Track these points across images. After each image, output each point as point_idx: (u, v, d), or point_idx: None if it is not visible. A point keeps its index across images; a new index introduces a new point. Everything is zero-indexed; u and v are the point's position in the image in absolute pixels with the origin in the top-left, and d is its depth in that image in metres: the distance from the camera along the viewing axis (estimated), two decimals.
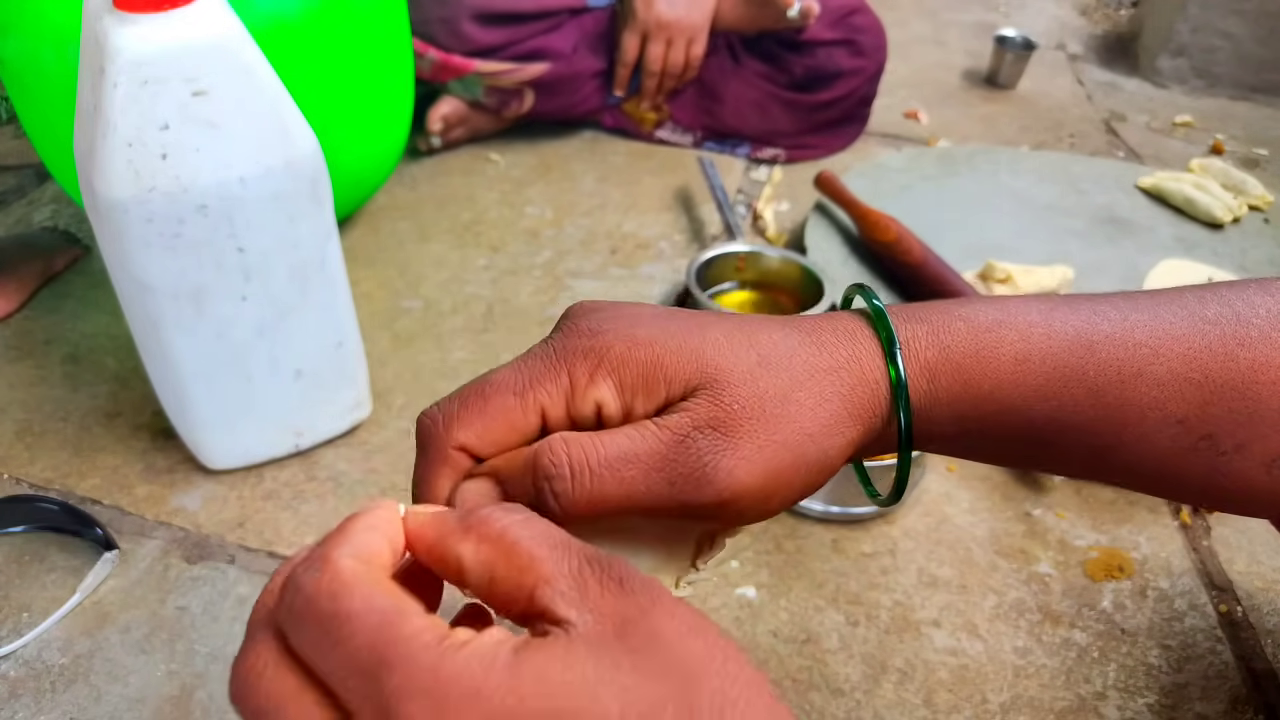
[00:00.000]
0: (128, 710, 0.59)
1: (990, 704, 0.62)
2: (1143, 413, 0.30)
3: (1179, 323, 0.31)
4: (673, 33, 1.14)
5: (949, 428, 0.31)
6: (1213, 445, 0.30)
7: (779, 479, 0.28)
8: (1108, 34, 1.79)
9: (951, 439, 0.32)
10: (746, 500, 0.27)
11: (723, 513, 0.27)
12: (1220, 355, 0.30)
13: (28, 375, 0.84)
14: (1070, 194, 1.17)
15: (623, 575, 0.23)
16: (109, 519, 0.71)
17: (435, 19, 1.13)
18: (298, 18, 0.78)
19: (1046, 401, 0.30)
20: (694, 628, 0.22)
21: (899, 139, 1.35)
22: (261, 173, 0.59)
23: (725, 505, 0.27)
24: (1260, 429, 0.30)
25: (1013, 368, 0.30)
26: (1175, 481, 0.31)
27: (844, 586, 0.69)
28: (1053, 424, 0.31)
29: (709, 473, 0.27)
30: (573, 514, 0.26)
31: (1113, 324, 0.31)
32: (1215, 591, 0.71)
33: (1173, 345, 0.31)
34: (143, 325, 0.66)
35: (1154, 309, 0.31)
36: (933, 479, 0.79)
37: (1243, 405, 0.30)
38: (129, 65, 0.53)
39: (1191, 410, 0.30)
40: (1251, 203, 1.14)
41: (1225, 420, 0.30)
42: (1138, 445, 0.31)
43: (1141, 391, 0.30)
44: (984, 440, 0.32)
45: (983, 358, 0.30)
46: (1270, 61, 1.53)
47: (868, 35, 1.22)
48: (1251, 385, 0.30)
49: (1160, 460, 0.31)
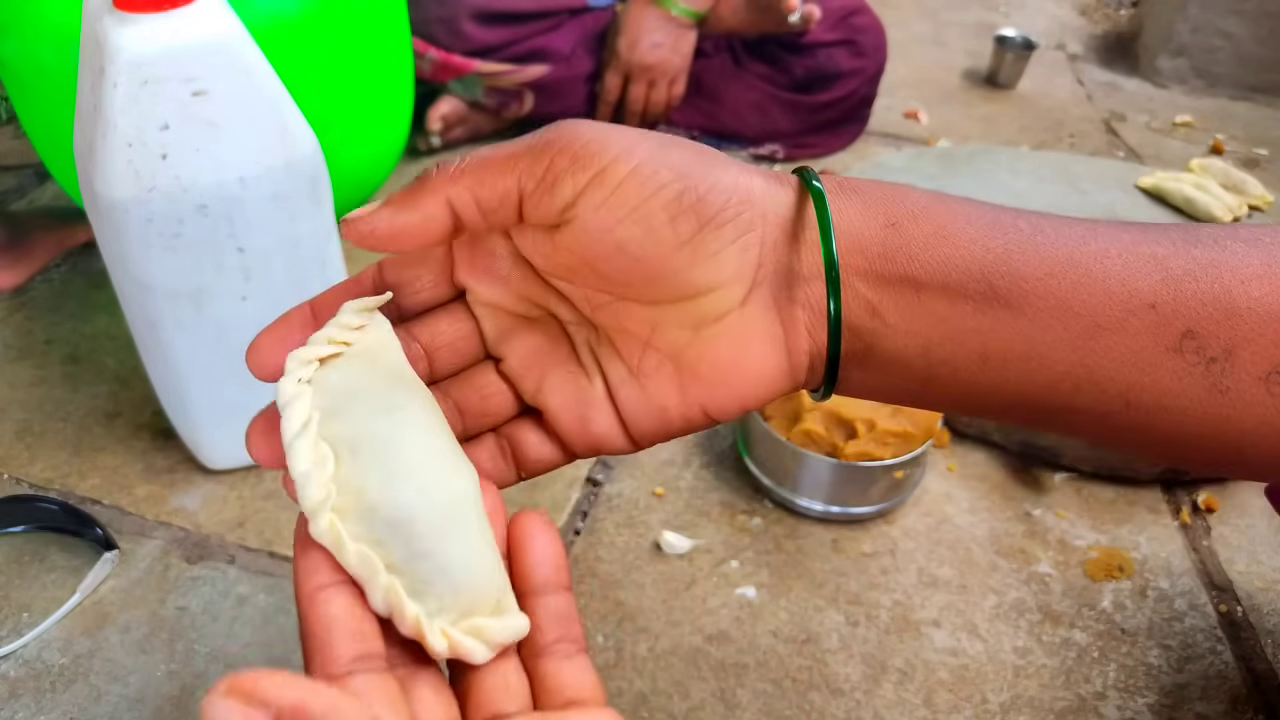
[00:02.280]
0: (128, 710, 0.59)
1: (990, 704, 0.62)
2: (1108, 288, 0.28)
3: (1120, 227, 0.30)
4: (655, 74, 1.17)
5: (880, 265, 0.28)
6: (1198, 348, 0.28)
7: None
8: (1108, 34, 1.79)
9: (895, 305, 0.29)
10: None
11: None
12: (1172, 246, 0.29)
13: (28, 375, 0.84)
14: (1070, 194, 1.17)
15: None
16: (109, 519, 0.71)
17: (435, 19, 1.13)
18: (298, 18, 0.78)
19: (1004, 250, 0.28)
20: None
21: (899, 139, 1.35)
22: (261, 173, 0.59)
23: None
24: (1242, 330, 0.28)
25: (963, 214, 0.29)
26: (1179, 414, 0.28)
27: (844, 586, 0.69)
28: (1016, 288, 0.28)
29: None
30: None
31: (1050, 218, 0.30)
32: (1215, 591, 0.71)
33: (1119, 233, 0.29)
34: (143, 325, 0.66)
35: (1090, 224, 0.30)
36: (933, 479, 0.79)
37: (1213, 295, 0.28)
38: (129, 65, 0.53)
39: (1159, 290, 0.28)
40: (1251, 203, 1.14)
41: (1200, 312, 0.28)
42: (1118, 336, 0.28)
43: (1097, 259, 0.28)
44: (935, 318, 0.28)
45: (928, 209, 0.29)
46: (1270, 61, 1.53)
47: (868, 35, 1.22)
48: (1216, 278, 0.28)
49: (1153, 372, 0.28)
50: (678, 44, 1.16)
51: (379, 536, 0.25)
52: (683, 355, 0.29)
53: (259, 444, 0.27)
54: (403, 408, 0.26)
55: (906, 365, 0.29)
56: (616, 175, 0.26)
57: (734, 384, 0.29)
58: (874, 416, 0.72)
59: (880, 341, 0.29)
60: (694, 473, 0.78)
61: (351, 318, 0.28)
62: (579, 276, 0.29)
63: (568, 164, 0.27)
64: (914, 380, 0.30)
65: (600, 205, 0.27)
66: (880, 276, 0.28)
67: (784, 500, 0.75)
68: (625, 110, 1.21)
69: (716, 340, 0.29)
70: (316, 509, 0.25)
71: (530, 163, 0.27)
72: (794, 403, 0.73)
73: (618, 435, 0.30)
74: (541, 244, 0.29)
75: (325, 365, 0.27)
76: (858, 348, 0.29)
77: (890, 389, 0.30)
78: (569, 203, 0.27)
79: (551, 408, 0.30)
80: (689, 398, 0.29)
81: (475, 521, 0.27)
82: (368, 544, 0.25)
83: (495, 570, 0.27)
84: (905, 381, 0.30)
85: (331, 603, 0.25)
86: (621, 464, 0.79)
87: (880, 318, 0.28)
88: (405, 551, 0.25)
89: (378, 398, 0.26)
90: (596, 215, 0.27)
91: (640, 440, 0.30)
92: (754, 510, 0.75)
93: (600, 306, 0.29)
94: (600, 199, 0.26)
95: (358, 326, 0.28)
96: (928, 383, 0.30)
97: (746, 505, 0.76)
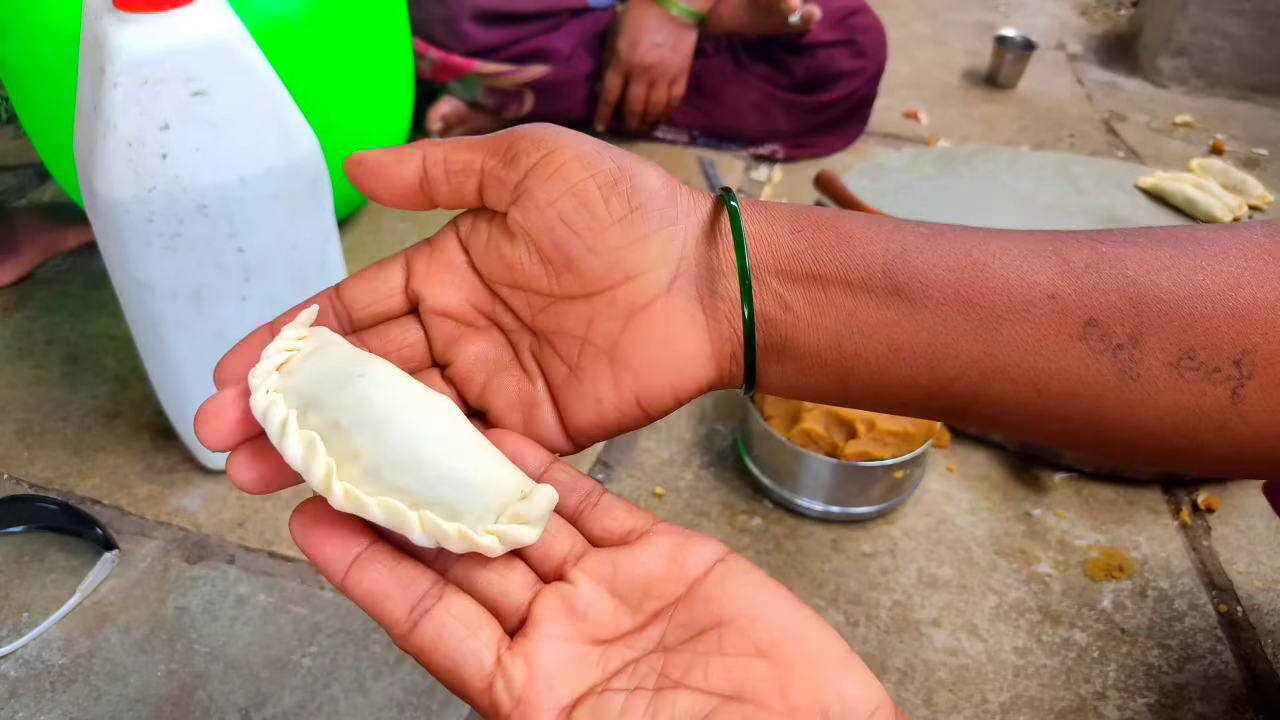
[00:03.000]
0: (128, 710, 0.59)
1: (990, 704, 0.62)
2: (1006, 281, 0.29)
3: (1029, 231, 0.31)
4: (655, 75, 1.17)
5: (790, 263, 0.30)
6: (1102, 335, 0.29)
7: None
8: (1108, 34, 1.79)
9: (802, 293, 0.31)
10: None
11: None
12: (1076, 243, 0.30)
13: (28, 375, 0.84)
14: (1070, 194, 1.17)
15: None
16: (109, 519, 0.71)
17: (435, 19, 1.13)
18: (298, 18, 0.78)
19: (901, 250, 0.30)
20: None
21: (899, 139, 1.35)
22: (261, 173, 0.59)
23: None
24: (1149, 317, 0.28)
25: (864, 222, 0.31)
26: (1093, 400, 0.29)
27: (844, 586, 0.69)
28: (916, 283, 0.29)
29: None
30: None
31: (955, 226, 0.32)
32: (1215, 591, 0.71)
33: (1025, 235, 0.31)
34: (143, 325, 0.66)
35: (996, 229, 0.32)
36: (933, 479, 0.79)
37: (1116, 285, 0.29)
38: (129, 65, 0.53)
39: (1058, 281, 0.29)
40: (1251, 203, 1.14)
41: (1102, 301, 0.29)
42: (1020, 326, 0.29)
43: (996, 256, 0.30)
44: (842, 311, 0.30)
45: (830, 219, 0.31)
46: (1270, 61, 1.53)
47: (868, 35, 1.22)
48: (1121, 270, 0.29)
49: (1059, 360, 0.29)
50: (678, 44, 1.16)
51: (393, 483, 0.27)
52: (616, 345, 0.31)
53: (245, 475, 0.29)
54: (362, 373, 0.28)
55: (820, 358, 0.31)
56: (563, 156, 0.30)
57: (664, 367, 0.31)
58: (874, 416, 0.72)
59: (793, 334, 0.31)
60: (694, 473, 0.78)
61: (291, 331, 0.30)
62: (523, 277, 0.31)
63: (527, 145, 0.30)
64: (830, 373, 0.31)
65: (547, 179, 0.30)
66: (788, 274, 0.30)
67: (784, 500, 0.75)
68: (625, 110, 1.21)
69: (646, 326, 0.30)
70: (326, 485, 0.26)
71: (497, 143, 0.31)
72: (794, 403, 0.73)
73: (557, 433, 0.32)
74: (494, 242, 0.31)
75: (283, 373, 0.29)
76: (773, 340, 0.31)
77: (809, 383, 0.32)
78: (522, 177, 0.30)
79: (495, 408, 0.32)
80: (622, 387, 0.31)
81: (470, 434, 0.28)
82: (387, 493, 0.27)
83: (507, 466, 0.28)
84: (822, 375, 0.31)
85: (363, 578, 0.27)
86: (621, 464, 0.79)
87: (791, 311, 0.30)
88: (421, 483, 0.27)
89: (339, 375, 0.28)
90: (544, 187, 0.30)
91: (577, 438, 0.32)
92: (754, 510, 0.75)
93: (540, 310, 0.31)
94: (548, 173, 0.30)
95: (300, 338, 0.30)
96: (843, 375, 0.31)
97: (746, 505, 0.76)
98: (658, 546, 0.29)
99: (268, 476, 0.28)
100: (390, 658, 0.63)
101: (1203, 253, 0.29)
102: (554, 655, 0.27)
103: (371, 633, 0.64)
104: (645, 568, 0.28)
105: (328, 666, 0.62)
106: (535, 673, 0.26)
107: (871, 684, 0.26)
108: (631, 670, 0.27)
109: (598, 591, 0.28)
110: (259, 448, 0.28)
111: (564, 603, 0.27)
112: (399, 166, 0.31)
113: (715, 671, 0.26)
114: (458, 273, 0.32)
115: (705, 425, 0.83)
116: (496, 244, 0.31)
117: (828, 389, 0.32)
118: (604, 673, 0.27)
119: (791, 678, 0.26)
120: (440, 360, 0.32)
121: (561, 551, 0.29)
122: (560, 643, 0.27)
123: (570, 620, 0.27)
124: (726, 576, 0.28)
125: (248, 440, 0.29)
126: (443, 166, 0.31)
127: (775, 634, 0.27)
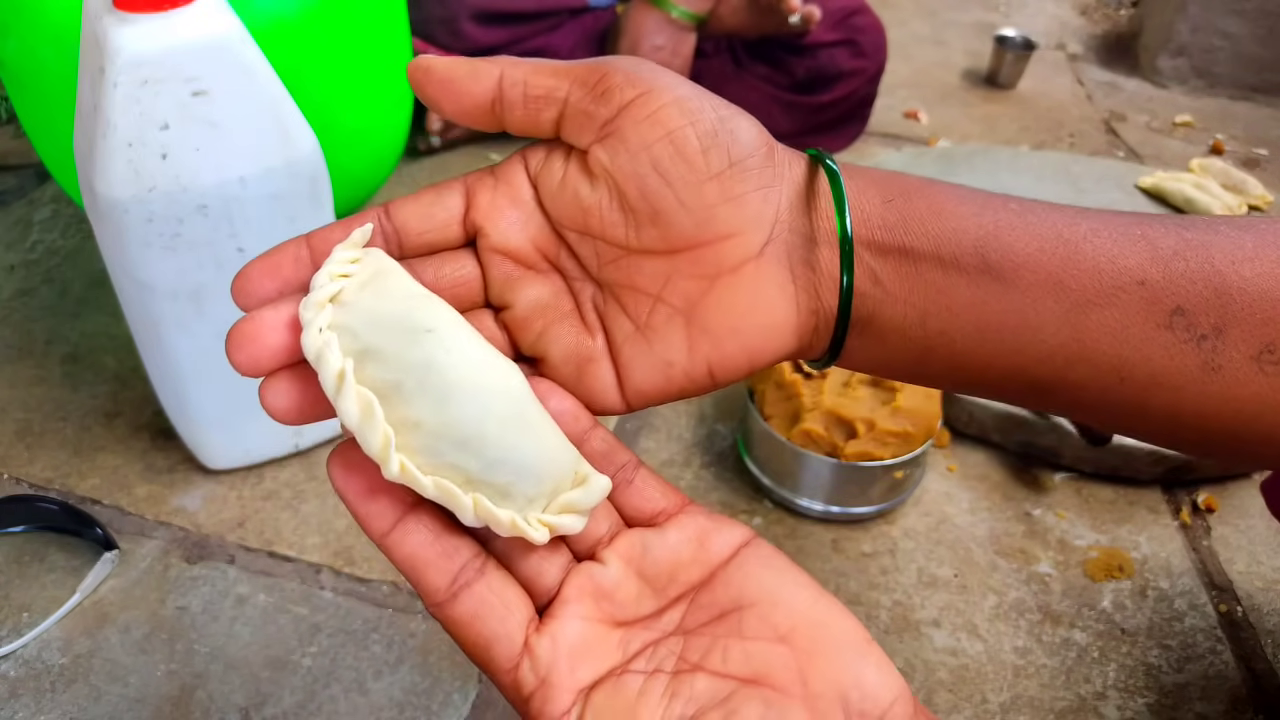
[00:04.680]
0: (128, 710, 0.59)
1: (990, 704, 0.62)
2: (1098, 265, 0.29)
3: (1112, 212, 0.30)
4: None
5: (884, 235, 0.29)
6: (1188, 324, 0.28)
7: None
8: (1108, 34, 1.79)
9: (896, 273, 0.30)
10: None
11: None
12: (1163, 228, 0.29)
13: (28, 375, 0.84)
14: (1070, 194, 1.16)
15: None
16: (109, 519, 0.71)
17: (435, 19, 1.13)
18: (298, 18, 0.78)
19: (994, 227, 0.29)
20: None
21: (899, 139, 1.35)
22: (261, 173, 0.59)
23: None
24: (1233, 309, 0.28)
25: (956, 195, 0.30)
26: (1173, 390, 0.29)
27: (844, 586, 0.69)
28: (1008, 262, 0.29)
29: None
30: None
31: (1039, 202, 0.31)
32: (1215, 591, 0.71)
33: (1110, 216, 0.30)
34: (143, 325, 0.66)
35: (1081, 209, 0.31)
36: (933, 479, 0.79)
37: (1202, 274, 0.28)
38: (129, 65, 0.53)
39: (1148, 268, 0.28)
40: (1251, 203, 1.14)
41: (1189, 290, 0.28)
42: (1108, 311, 0.29)
43: (1087, 238, 0.29)
44: (933, 289, 0.29)
45: (921, 189, 0.30)
46: (1270, 61, 1.53)
47: (868, 36, 1.22)
48: (1206, 258, 0.29)
49: (1144, 348, 0.29)
50: (678, 47, 1.16)
51: (450, 460, 0.26)
52: (695, 307, 0.29)
53: (281, 403, 0.27)
54: (430, 329, 0.26)
55: (905, 335, 0.30)
56: (661, 98, 0.28)
57: (745, 335, 0.29)
58: (874, 417, 0.72)
59: (880, 309, 0.29)
60: (694, 473, 0.78)
61: (344, 253, 0.28)
62: (597, 224, 0.29)
63: (621, 80, 0.28)
64: (912, 350, 0.30)
65: (642, 120, 0.28)
66: (880, 246, 0.29)
67: (784, 500, 0.75)
68: None
69: (732, 291, 0.29)
70: (383, 455, 0.25)
71: (586, 72, 0.28)
72: (794, 403, 0.73)
73: (613, 392, 0.30)
74: (569, 182, 0.29)
75: (337, 305, 0.27)
76: (861, 314, 0.30)
77: (890, 359, 0.31)
78: (613, 115, 0.28)
79: (552, 357, 0.30)
80: (696, 353, 0.29)
81: (534, 410, 0.27)
82: (442, 469, 0.26)
83: (565, 447, 0.27)
84: (904, 352, 0.30)
85: (405, 541, 0.26)
86: None
87: (881, 285, 0.29)
88: (479, 463, 0.26)
89: (401, 326, 0.26)
90: (637, 130, 0.28)
91: (633, 400, 0.30)
92: (754, 510, 0.75)
93: (611, 261, 0.29)
94: (643, 115, 0.28)
95: (353, 260, 0.28)
96: (926, 353, 0.30)
97: (746, 505, 0.76)
98: (686, 530, 0.28)
99: (305, 409, 0.27)
100: (390, 658, 0.63)
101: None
102: (578, 636, 0.26)
103: (371, 633, 0.64)
104: (673, 551, 0.28)
105: (328, 666, 0.62)
106: (558, 654, 0.26)
107: (891, 673, 0.26)
108: (651, 652, 0.27)
109: (626, 573, 0.28)
110: (300, 376, 0.26)
111: (592, 583, 0.27)
112: (472, 81, 0.29)
113: (734, 655, 0.26)
114: (524, 210, 0.30)
115: (705, 425, 0.83)
116: (573, 184, 0.29)
117: (907, 366, 0.31)
118: (625, 655, 0.27)
119: (811, 664, 0.26)
120: (496, 302, 0.30)
121: (599, 534, 0.28)
122: (585, 623, 0.27)
123: (596, 601, 0.27)
124: (749, 561, 0.28)
125: (287, 367, 0.27)
126: (521, 88, 0.29)
127: (795, 619, 0.26)
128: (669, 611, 0.28)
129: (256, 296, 0.28)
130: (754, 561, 0.28)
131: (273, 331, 0.26)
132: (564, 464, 0.27)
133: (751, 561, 0.28)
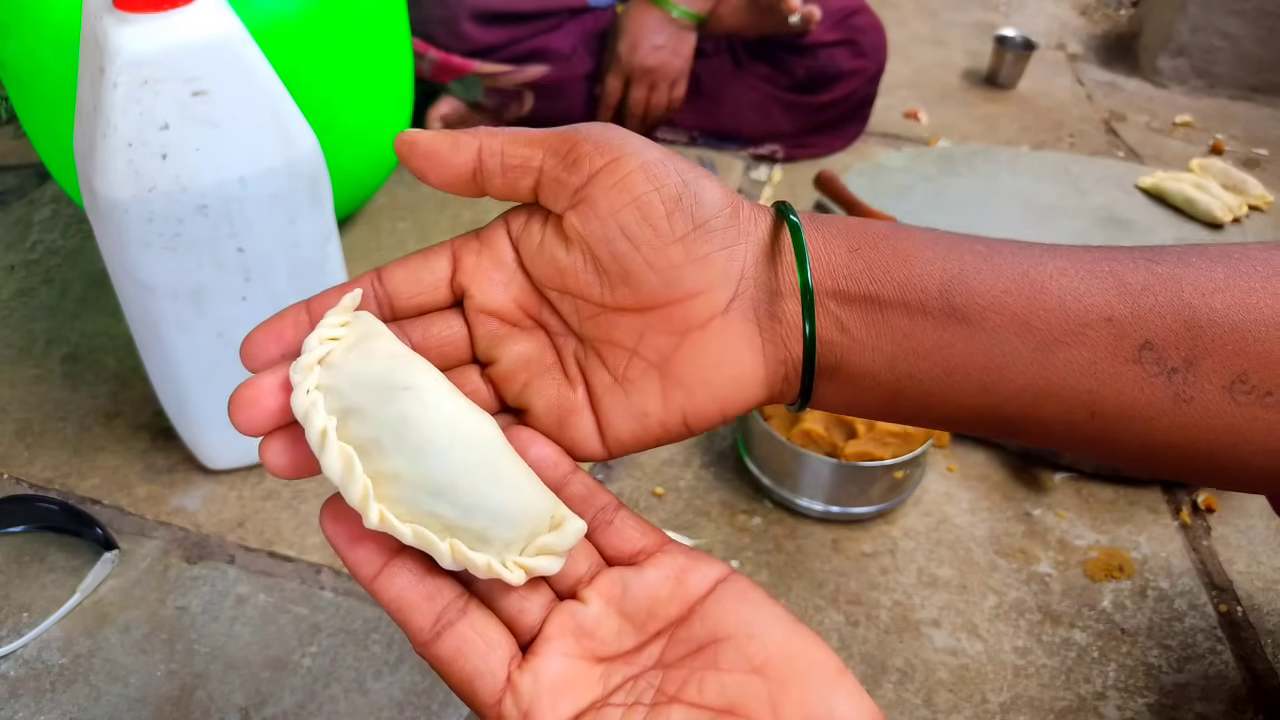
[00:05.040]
0: (128, 710, 0.59)
1: (990, 704, 0.62)
2: (1064, 303, 0.29)
3: (1082, 249, 0.31)
4: (655, 78, 1.17)
5: (850, 284, 0.30)
6: (1157, 359, 0.29)
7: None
8: (1108, 34, 1.79)
9: (864, 320, 0.30)
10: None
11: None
12: (1132, 263, 0.30)
13: (28, 375, 0.84)
14: (1070, 194, 1.17)
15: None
16: (109, 519, 0.71)
17: (435, 19, 1.13)
18: (298, 18, 0.78)
19: (959, 271, 0.30)
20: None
21: (899, 139, 1.35)
22: (261, 173, 0.59)
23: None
24: (1203, 341, 0.28)
25: (922, 240, 0.31)
26: (1145, 423, 0.29)
27: (844, 586, 0.69)
28: (973, 304, 0.29)
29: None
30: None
31: (1008, 242, 0.31)
32: (1215, 591, 0.71)
33: (1079, 253, 0.30)
34: (143, 325, 0.66)
35: (1050, 246, 0.31)
36: (933, 479, 0.79)
37: (1172, 308, 0.29)
38: (129, 65, 0.53)
39: (1115, 304, 0.29)
40: (1251, 203, 1.14)
41: (1158, 324, 0.29)
42: (1076, 349, 0.29)
43: (1053, 277, 0.29)
44: (901, 335, 0.30)
45: (887, 236, 0.31)
46: (1270, 61, 1.53)
47: (868, 36, 1.22)
48: (1176, 292, 0.29)
49: (1114, 383, 0.29)
50: (678, 46, 1.16)
51: (428, 508, 0.27)
52: (668, 361, 0.30)
53: (278, 461, 0.29)
54: (407, 386, 0.28)
55: (874, 379, 0.31)
56: (628, 165, 0.29)
57: (715, 387, 0.31)
58: None
59: (848, 355, 0.30)
60: (694, 473, 0.78)
61: (334, 318, 0.29)
62: (575, 284, 0.30)
63: (590, 149, 0.30)
64: (882, 393, 0.31)
65: (610, 188, 0.29)
66: (846, 295, 0.30)
67: (784, 500, 0.75)
68: (626, 113, 1.21)
69: (701, 345, 0.30)
70: (363, 506, 0.27)
71: (558, 141, 0.30)
72: None
73: (594, 441, 0.32)
74: (547, 245, 0.31)
75: (325, 367, 0.28)
76: (829, 361, 0.31)
77: (860, 402, 0.32)
78: (583, 183, 0.29)
79: (535, 408, 0.31)
80: (670, 403, 0.31)
81: (508, 459, 0.29)
82: (421, 517, 0.27)
83: (540, 492, 0.29)
84: (874, 394, 0.31)
85: (391, 585, 0.28)
86: (622, 464, 0.79)
87: (848, 333, 0.30)
88: (456, 510, 0.27)
89: (381, 385, 0.28)
90: (606, 196, 0.29)
91: (614, 448, 0.32)
92: (754, 510, 0.75)
93: (589, 318, 0.31)
94: (611, 182, 0.29)
95: (343, 324, 0.29)
96: (896, 395, 0.31)
97: (746, 505, 0.76)
98: (665, 567, 0.29)
99: (299, 465, 0.29)
100: (390, 658, 0.63)
101: (1256, 274, 0.29)
102: (560, 672, 0.27)
103: (371, 633, 0.64)
104: (651, 588, 0.29)
105: (328, 666, 0.62)
106: (540, 689, 0.27)
107: (864, 702, 0.26)
108: (630, 686, 0.28)
109: (606, 611, 0.29)
110: (294, 436, 0.28)
111: (574, 621, 0.29)
112: (453, 153, 0.30)
113: (709, 687, 0.27)
114: (506, 271, 0.32)
115: None
116: (550, 247, 0.31)
117: (879, 407, 0.32)
118: (605, 689, 0.28)
119: (783, 694, 0.26)
120: (483, 359, 0.32)
121: (579, 573, 0.30)
122: (566, 660, 0.28)
123: (577, 639, 0.28)
124: (726, 595, 0.29)
125: (282, 427, 0.29)
126: (499, 159, 0.30)
127: (770, 651, 0.27)
128: (649, 647, 0.29)
129: (261, 359, 0.30)
130: (731, 596, 0.29)
131: (269, 395, 0.28)
132: (539, 509, 0.29)
133: (728, 596, 0.29)
